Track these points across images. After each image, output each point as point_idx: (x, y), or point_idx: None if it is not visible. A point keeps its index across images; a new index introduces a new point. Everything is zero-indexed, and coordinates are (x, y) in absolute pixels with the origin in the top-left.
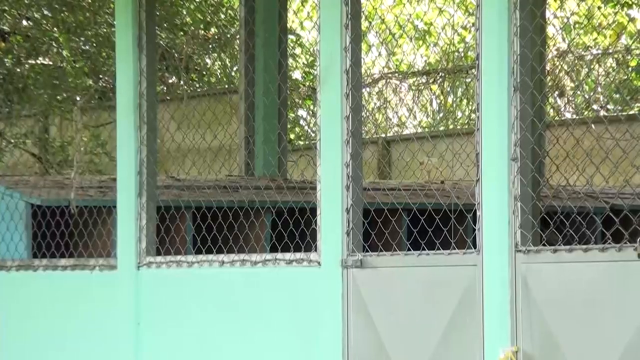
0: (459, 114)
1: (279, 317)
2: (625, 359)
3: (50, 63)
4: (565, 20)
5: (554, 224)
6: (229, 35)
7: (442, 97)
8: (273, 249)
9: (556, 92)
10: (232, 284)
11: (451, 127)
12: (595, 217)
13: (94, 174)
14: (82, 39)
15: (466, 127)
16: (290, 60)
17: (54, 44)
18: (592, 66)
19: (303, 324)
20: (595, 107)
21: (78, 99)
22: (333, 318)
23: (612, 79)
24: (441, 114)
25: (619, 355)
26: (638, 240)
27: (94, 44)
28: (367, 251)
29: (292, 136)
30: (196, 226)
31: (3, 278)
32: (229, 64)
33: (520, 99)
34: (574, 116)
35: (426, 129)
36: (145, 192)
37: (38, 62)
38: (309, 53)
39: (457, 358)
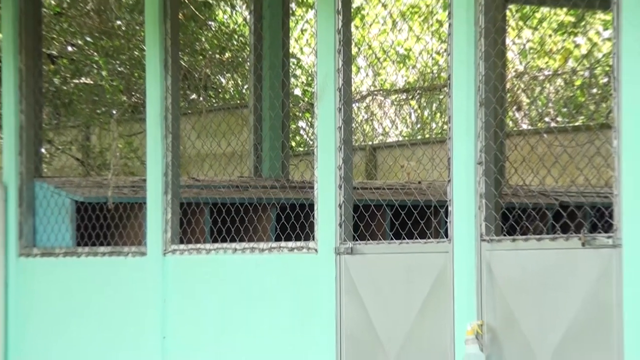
0: (434, 125)
1: (282, 295)
2: (571, 330)
3: (91, 82)
4: (522, 46)
5: (513, 217)
6: (240, 59)
7: (419, 111)
8: (277, 239)
9: (514, 107)
10: (243, 268)
11: (427, 136)
12: (547, 211)
13: (128, 175)
14: (118, 61)
15: (439, 136)
16: (292, 80)
17: (94, 66)
18: (544, 85)
19: (303, 302)
20: (546, 119)
21: (114, 112)
22: (328, 297)
23: (560, 96)
24: (418, 125)
25: (565, 327)
26: (582, 231)
27: (128, 66)
28: (356, 240)
29: (293, 143)
30: (213, 219)
31: (52, 263)
32: (240, 83)
33: (484, 113)
34: (529, 127)
35: (406, 138)
36: (170, 190)
37: (81, 81)
38: (308, 74)
39: (432, 330)
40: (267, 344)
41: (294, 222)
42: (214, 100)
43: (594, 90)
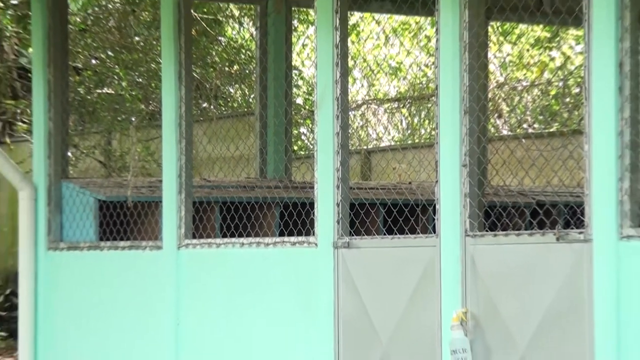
0: (423, 131)
1: (285, 286)
2: (547, 317)
3: (113, 92)
4: (502, 59)
5: (494, 215)
6: (247, 71)
7: (409, 118)
8: (281, 234)
9: (496, 115)
10: (250, 260)
11: (416, 141)
12: (525, 209)
13: (145, 177)
14: (137, 73)
15: (428, 141)
16: (294, 90)
17: (115, 78)
18: (522, 95)
19: (304, 291)
20: (524, 126)
21: (133, 119)
22: (326, 286)
23: (537, 105)
24: (409, 131)
25: (542, 314)
26: (556, 227)
27: (146, 77)
28: (352, 235)
29: (295, 147)
30: (222, 216)
31: (77, 256)
32: (247, 93)
33: (468, 120)
34: (509, 133)
35: (397, 142)
36: (184, 190)
37: (103, 91)
38: (308, 84)
39: (421, 317)
40: (271, 329)
41: (296, 219)
42: (223, 109)
43: (567, 100)
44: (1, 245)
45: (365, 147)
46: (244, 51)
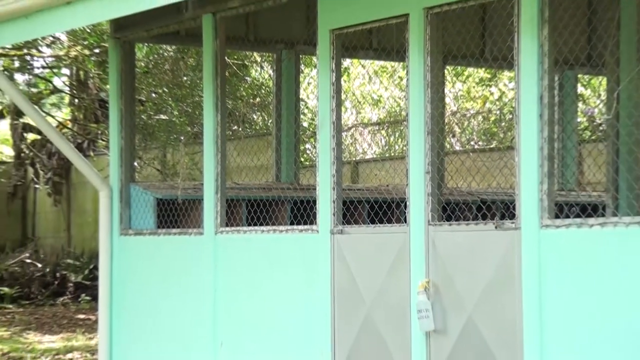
0: (397, 147)
1: (294, 261)
2: (488, 286)
3: (167, 118)
4: (455, 93)
5: (450, 209)
6: (266, 102)
7: (387, 137)
8: (291, 223)
9: (450, 134)
10: (268, 243)
11: (392, 154)
12: (472, 205)
13: (191, 181)
14: (185, 104)
15: (400, 154)
16: (302, 116)
17: (169, 107)
18: (470, 120)
19: (308, 267)
20: (472, 143)
21: (182, 138)
22: (325, 262)
23: (481, 127)
24: (387, 147)
25: (484, 283)
26: (495, 218)
27: (191, 107)
28: (344, 224)
29: (302, 159)
30: (248, 210)
31: (141, 240)
32: (266, 118)
33: (430, 139)
34: (460, 148)
35: (378, 156)
36: (219, 190)
37: (160, 117)
38: (312, 112)
39: (396, 285)
40: (283, 295)
41: (303, 213)
42: (248, 130)
43: (503, 123)
44: (87, 231)
45: (354, 159)
46: (264, 87)
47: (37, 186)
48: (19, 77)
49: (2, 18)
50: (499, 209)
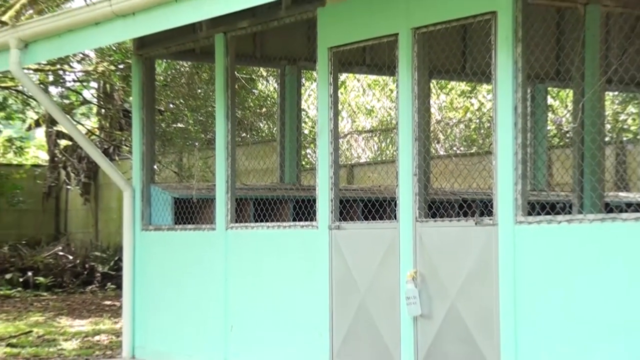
0: (388, 152)
1: (297, 254)
2: (468, 276)
3: (183, 126)
4: (440, 104)
5: (435, 207)
6: (271, 112)
7: (379, 143)
8: (294, 220)
9: (435, 141)
10: (273, 237)
11: (384, 158)
12: (455, 204)
13: (205, 182)
14: (199, 114)
15: (391, 158)
16: (303, 124)
17: (185, 117)
18: (453, 128)
19: (309, 258)
20: (454, 148)
21: (196, 144)
22: (324, 254)
23: (462, 134)
24: (379, 152)
25: (465, 273)
26: (475, 215)
27: (205, 116)
28: (341, 221)
29: (303, 163)
30: (255, 208)
31: (160, 235)
32: (271, 127)
33: (418, 144)
34: (444, 153)
35: (371, 160)
36: (230, 191)
37: (177, 125)
38: (312, 121)
39: (387, 275)
40: (287, 283)
41: (304, 210)
42: (255, 137)
43: (482, 131)
44: (113, 227)
45: (349, 163)
46: (269, 99)
47: (68, 187)
48: (53, 90)
49: (38, 37)
50: (478, 207)
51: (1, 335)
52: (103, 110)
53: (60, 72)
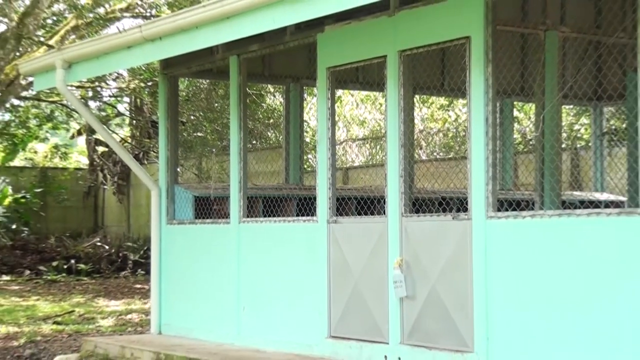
0: (378, 157)
1: (299, 244)
2: (447, 264)
3: (202, 135)
4: (422, 116)
5: (418, 204)
6: (277, 122)
7: (371, 149)
8: (297, 215)
9: (419, 147)
10: (279, 230)
11: (374, 162)
12: (435, 201)
13: (221, 183)
14: (216, 124)
15: (381, 162)
16: (305, 133)
17: (204, 126)
18: (433, 136)
19: (310, 248)
20: (434, 153)
21: (214, 150)
22: (323, 245)
23: (442, 142)
24: (370, 157)
25: (444, 262)
26: (452, 211)
27: (221, 127)
28: (338, 216)
29: (305, 166)
30: (264, 205)
31: (182, 228)
32: (277, 135)
33: (403, 150)
34: (426, 158)
35: (364, 163)
36: (242, 190)
37: (197, 134)
38: (313, 130)
39: (377, 262)
40: (291, 270)
41: (306, 207)
42: (264, 144)
43: (458, 139)
44: (142, 221)
45: (345, 166)
46: (276, 111)
47: (105, 187)
48: (92, 104)
49: (80, 58)
50: (455, 204)
51: (48, 314)
52: (134, 121)
53: (98, 89)
